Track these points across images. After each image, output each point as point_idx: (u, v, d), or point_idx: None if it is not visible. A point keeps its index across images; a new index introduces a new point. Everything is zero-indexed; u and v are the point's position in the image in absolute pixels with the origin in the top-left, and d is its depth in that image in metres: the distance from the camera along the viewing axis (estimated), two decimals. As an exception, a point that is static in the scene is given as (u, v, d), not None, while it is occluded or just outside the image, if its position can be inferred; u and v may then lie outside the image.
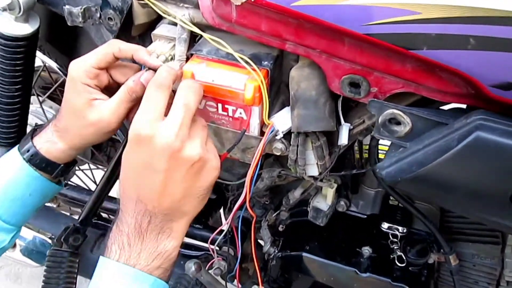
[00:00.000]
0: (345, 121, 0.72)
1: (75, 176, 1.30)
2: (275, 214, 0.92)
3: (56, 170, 0.72)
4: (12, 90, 0.85)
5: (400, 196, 0.85)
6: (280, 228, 0.94)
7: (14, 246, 1.09)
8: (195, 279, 0.78)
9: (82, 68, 0.67)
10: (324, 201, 0.84)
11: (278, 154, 0.74)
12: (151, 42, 0.80)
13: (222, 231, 0.82)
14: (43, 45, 0.93)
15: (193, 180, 0.59)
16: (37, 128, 0.74)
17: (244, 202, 0.75)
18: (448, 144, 0.57)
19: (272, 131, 0.71)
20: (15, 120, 0.90)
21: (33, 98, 1.21)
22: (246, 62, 0.66)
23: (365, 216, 0.91)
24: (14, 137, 0.92)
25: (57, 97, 1.21)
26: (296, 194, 0.85)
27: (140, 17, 0.76)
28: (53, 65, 1.00)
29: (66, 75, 1.05)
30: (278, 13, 0.58)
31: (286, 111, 0.72)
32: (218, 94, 0.68)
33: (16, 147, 0.73)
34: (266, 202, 0.93)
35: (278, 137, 0.72)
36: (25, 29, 0.76)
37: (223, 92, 0.68)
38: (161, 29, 0.74)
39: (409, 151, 0.62)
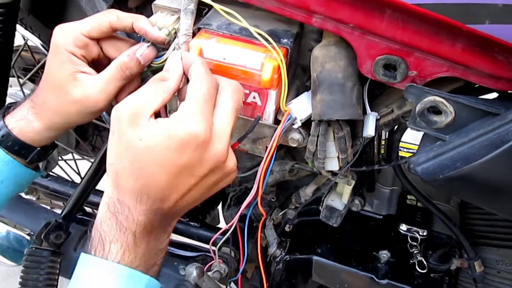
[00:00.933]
0: (371, 110, 0.64)
1: (57, 166, 1.19)
2: (281, 212, 0.83)
3: (31, 154, 0.62)
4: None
5: (420, 195, 0.77)
6: (287, 228, 0.86)
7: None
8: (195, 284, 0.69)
9: (69, 33, 0.57)
10: (340, 199, 0.75)
11: (294, 145, 0.65)
12: (150, 14, 0.70)
13: (225, 231, 0.73)
14: (25, 17, 0.82)
15: (215, 186, 0.53)
16: (11, 106, 0.64)
17: (254, 199, 0.66)
18: (502, 137, 0.49)
19: (289, 119, 0.63)
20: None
21: (13, 80, 1.11)
22: (264, 39, 0.57)
23: (381, 217, 0.83)
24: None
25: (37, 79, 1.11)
26: (308, 192, 0.76)
27: (139, -15, 0.67)
28: (36, 41, 0.89)
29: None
30: (309, -22, 0.49)
31: (305, 96, 0.63)
32: (230, 75, 0.59)
33: None
34: (272, 199, 0.84)
35: (295, 126, 0.64)
36: (3, -6, 0.65)
37: (236, 73, 0.58)
38: (163, -1, 0.65)
39: (451, 144, 0.54)
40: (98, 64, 0.62)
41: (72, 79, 0.57)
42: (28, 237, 0.94)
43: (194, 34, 0.62)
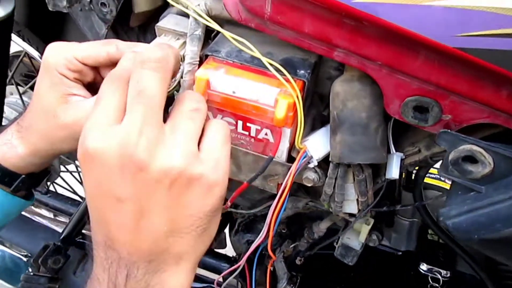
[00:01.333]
0: (396, 149, 0.57)
1: (59, 178, 1.15)
2: (292, 245, 0.78)
3: (15, 182, 0.57)
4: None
5: (444, 234, 0.71)
6: (298, 261, 0.80)
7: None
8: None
9: (62, 55, 0.52)
10: (357, 238, 0.70)
11: (309, 185, 0.59)
12: (154, 35, 0.64)
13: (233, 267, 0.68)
14: (22, 29, 0.76)
15: (178, 205, 0.41)
16: None
17: (263, 241, 0.61)
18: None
19: (304, 157, 0.57)
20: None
21: (13, 88, 1.06)
22: (278, 70, 0.51)
23: (400, 253, 0.77)
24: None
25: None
26: (322, 227, 0.70)
27: (142, 4, 0.61)
28: (35, 53, 0.84)
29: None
30: (332, 11, 0.43)
31: (323, 132, 0.57)
32: (239, 109, 0.53)
33: None
34: (283, 230, 0.79)
35: (311, 165, 0.58)
36: (-6, 12, 0.60)
37: (246, 108, 0.53)
38: (168, 21, 0.59)
39: (488, 199, 0.48)
40: (96, 87, 0.56)
41: (62, 102, 0.52)
42: (25, 259, 0.90)
43: (201, 60, 0.56)
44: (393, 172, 0.56)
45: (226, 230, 0.94)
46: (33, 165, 0.56)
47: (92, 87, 0.56)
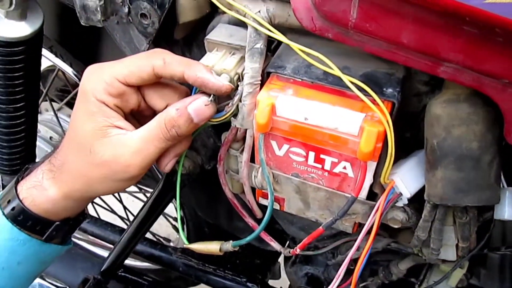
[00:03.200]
0: (508, 183, 0.46)
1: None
2: (362, 284, 0.67)
3: (47, 231, 0.48)
4: (10, 110, 0.62)
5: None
6: (368, 303, 0.69)
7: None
8: None
9: (101, 78, 0.43)
10: (446, 282, 0.58)
11: (396, 226, 0.48)
12: (200, 47, 0.55)
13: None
14: (54, 45, 0.69)
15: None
16: (29, 167, 0.50)
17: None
18: None
19: (391, 194, 0.46)
20: (17, 145, 0.68)
21: (48, 104, 0.99)
22: (361, 89, 0.40)
23: (493, 294, 0.65)
24: (19, 163, 0.71)
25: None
26: (402, 268, 0.59)
27: (188, 12, 0.51)
28: (68, 69, 0.76)
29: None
30: (449, 15, 0.32)
31: (413, 164, 0.46)
32: (312, 139, 0.43)
33: None
34: (351, 267, 0.68)
35: (399, 204, 0.47)
36: (21, 29, 0.52)
37: (322, 137, 0.42)
38: (219, 32, 0.49)
39: None
40: (139, 115, 0.48)
41: (100, 135, 0.43)
42: (62, 292, 0.83)
43: (263, 79, 0.46)
44: (506, 211, 0.44)
45: (281, 259, 0.85)
46: (67, 209, 0.48)
47: (136, 116, 0.47)
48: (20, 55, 0.54)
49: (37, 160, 0.76)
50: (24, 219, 0.47)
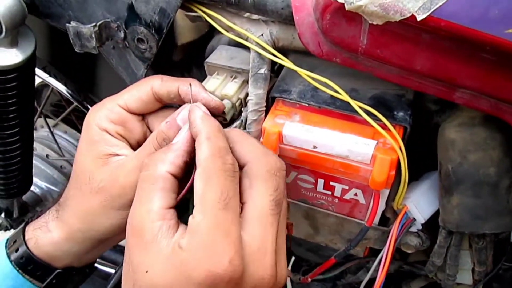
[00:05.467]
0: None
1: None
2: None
3: (48, 278, 0.45)
4: (4, 136, 0.60)
5: None
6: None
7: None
8: None
9: (103, 107, 0.42)
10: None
11: (409, 252, 0.47)
12: (199, 68, 0.53)
13: None
14: (47, 66, 0.67)
15: None
16: (42, 209, 0.48)
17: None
18: None
19: (404, 219, 0.44)
20: (13, 169, 0.66)
21: (42, 121, 0.97)
22: (370, 114, 0.39)
23: (506, 309, 0.64)
24: (16, 187, 0.69)
25: (72, 119, 0.96)
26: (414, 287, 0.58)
27: (186, 33, 0.50)
28: (62, 88, 0.74)
29: (79, 101, 0.80)
30: (468, 43, 0.30)
31: (426, 188, 0.45)
32: (322, 167, 0.42)
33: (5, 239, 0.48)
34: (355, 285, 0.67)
35: (413, 229, 0.45)
36: (12, 56, 0.49)
37: (331, 165, 0.41)
38: (219, 55, 0.47)
39: None
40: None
41: (101, 164, 0.41)
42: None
43: (267, 105, 0.44)
44: (524, 235, 0.43)
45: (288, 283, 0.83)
46: (70, 255, 0.45)
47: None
48: (12, 82, 0.51)
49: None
50: (26, 262, 0.45)
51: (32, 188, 0.90)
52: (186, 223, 0.32)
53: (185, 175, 0.35)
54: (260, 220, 0.33)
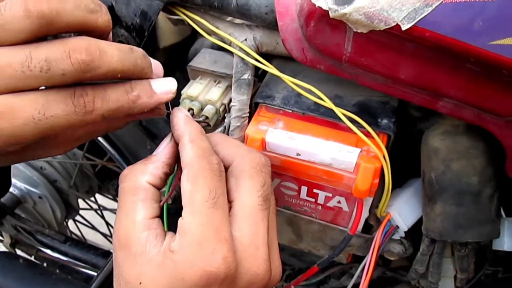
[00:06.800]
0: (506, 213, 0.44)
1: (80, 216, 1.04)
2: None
3: None
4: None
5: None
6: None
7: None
8: None
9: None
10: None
11: (392, 259, 0.47)
12: (183, 73, 0.52)
13: None
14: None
15: None
16: None
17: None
18: None
19: (387, 227, 0.44)
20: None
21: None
22: (354, 122, 0.38)
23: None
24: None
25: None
26: (397, 293, 0.58)
27: (169, 36, 0.49)
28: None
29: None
30: (451, 55, 0.30)
31: (408, 195, 0.45)
32: (305, 175, 0.41)
33: None
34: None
35: (396, 237, 0.45)
36: None
37: (315, 173, 0.40)
38: (202, 59, 0.46)
39: None
40: None
41: None
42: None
43: (251, 110, 0.43)
44: (506, 243, 0.43)
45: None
46: None
47: None
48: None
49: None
50: None
51: (11, 189, 0.88)
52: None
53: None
54: (249, 216, 0.32)
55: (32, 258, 0.95)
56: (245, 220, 0.32)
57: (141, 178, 0.33)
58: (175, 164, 0.35)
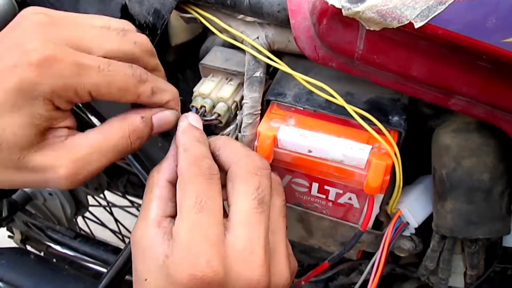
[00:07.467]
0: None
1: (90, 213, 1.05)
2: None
3: None
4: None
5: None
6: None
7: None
8: None
9: None
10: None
11: (402, 255, 0.47)
12: (194, 70, 0.53)
13: None
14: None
15: None
16: None
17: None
18: None
19: (398, 223, 0.45)
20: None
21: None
22: (365, 119, 0.39)
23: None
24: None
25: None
26: (406, 289, 0.58)
27: (180, 34, 0.49)
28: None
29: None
30: (464, 52, 0.30)
31: (420, 191, 0.45)
32: (316, 171, 0.41)
33: None
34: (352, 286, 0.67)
35: (406, 233, 0.45)
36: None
37: (326, 169, 0.41)
38: (214, 56, 0.47)
39: None
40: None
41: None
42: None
43: (263, 108, 0.44)
44: (516, 239, 0.43)
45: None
46: None
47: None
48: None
49: None
50: None
51: (22, 186, 0.89)
52: None
53: None
54: (243, 220, 0.32)
55: (42, 254, 0.96)
56: (240, 224, 0.32)
57: (157, 175, 0.34)
58: None
